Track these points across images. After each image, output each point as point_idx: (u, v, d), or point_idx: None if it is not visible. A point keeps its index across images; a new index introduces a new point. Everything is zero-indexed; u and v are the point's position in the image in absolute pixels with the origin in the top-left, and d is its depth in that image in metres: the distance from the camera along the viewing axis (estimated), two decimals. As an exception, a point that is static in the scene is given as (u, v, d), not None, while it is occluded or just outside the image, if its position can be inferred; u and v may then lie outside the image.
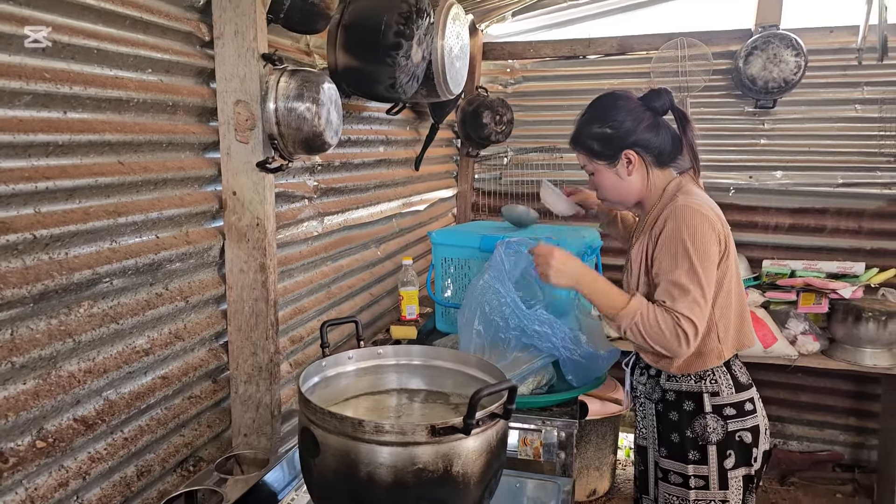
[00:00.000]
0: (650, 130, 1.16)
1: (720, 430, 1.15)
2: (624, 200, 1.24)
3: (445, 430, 0.76)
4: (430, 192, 2.36)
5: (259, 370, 1.21)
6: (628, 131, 1.16)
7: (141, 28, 0.97)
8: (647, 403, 1.26)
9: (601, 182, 1.22)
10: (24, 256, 0.81)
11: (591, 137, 1.19)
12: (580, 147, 1.22)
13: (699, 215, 1.09)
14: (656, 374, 1.24)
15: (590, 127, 1.19)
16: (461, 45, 1.69)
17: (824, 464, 2.46)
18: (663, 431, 1.21)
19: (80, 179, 0.87)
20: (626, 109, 1.17)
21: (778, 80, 2.25)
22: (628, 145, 1.16)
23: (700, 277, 1.07)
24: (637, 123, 1.16)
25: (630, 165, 1.18)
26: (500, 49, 2.61)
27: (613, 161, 1.18)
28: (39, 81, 0.80)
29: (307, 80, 1.10)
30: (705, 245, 1.07)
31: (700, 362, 1.17)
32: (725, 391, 1.16)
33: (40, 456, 0.83)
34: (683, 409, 1.18)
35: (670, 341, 1.08)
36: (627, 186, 1.20)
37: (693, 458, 1.17)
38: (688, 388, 1.18)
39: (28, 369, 0.83)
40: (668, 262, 1.10)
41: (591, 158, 1.20)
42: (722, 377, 1.17)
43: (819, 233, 2.40)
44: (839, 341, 2.14)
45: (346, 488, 0.79)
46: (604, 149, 1.18)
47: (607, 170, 1.20)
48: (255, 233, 1.16)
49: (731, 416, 1.16)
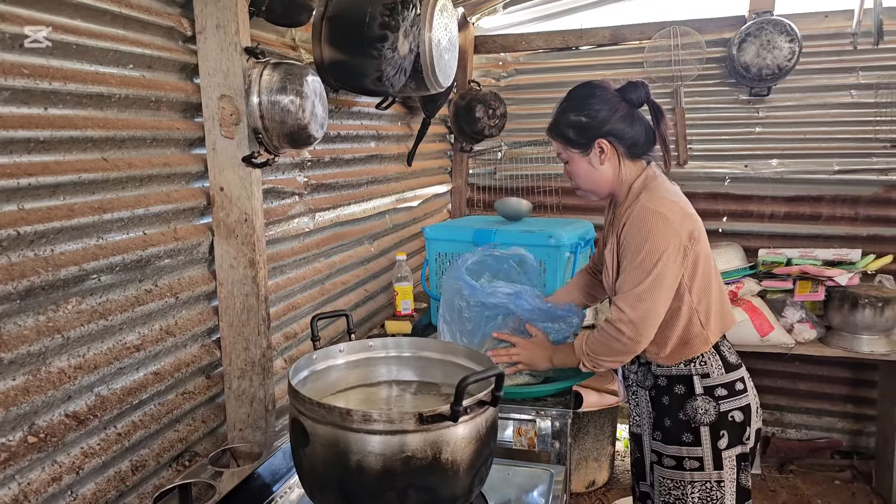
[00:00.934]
0: (624, 121, 1.18)
1: (712, 411, 1.17)
2: (596, 190, 1.25)
3: (433, 418, 0.76)
4: (424, 187, 2.35)
5: (252, 365, 1.21)
6: (602, 121, 1.18)
7: (121, 23, 0.96)
8: (640, 391, 1.28)
9: (574, 170, 1.24)
10: (8, 253, 0.81)
11: (567, 125, 1.20)
12: (556, 135, 1.24)
13: (656, 215, 1.11)
14: (647, 362, 1.26)
15: (566, 115, 1.21)
16: (449, 37, 1.68)
17: (823, 451, 2.46)
18: (657, 416, 1.23)
19: (63, 176, 0.87)
20: (601, 99, 1.18)
21: (772, 67, 2.23)
22: (602, 134, 1.18)
23: (648, 274, 1.10)
24: (612, 113, 1.18)
25: (602, 154, 1.19)
26: (492, 42, 2.60)
27: (587, 149, 1.20)
28: (17, 77, 0.80)
29: (290, 72, 1.10)
30: (657, 243, 1.10)
31: (688, 350, 1.18)
32: (716, 372, 1.18)
33: (32, 451, 0.83)
34: (675, 393, 1.20)
35: (613, 345, 1.14)
36: (599, 176, 1.22)
37: (687, 440, 1.18)
38: (678, 371, 1.20)
39: (17, 365, 0.83)
40: (624, 261, 1.15)
41: (566, 146, 1.22)
42: (711, 358, 1.19)
43: (815, 220, 2.39)
44: (836, 329, 2.14)
45: (335, 477, 0.79)
46: (578, 137, 1.20)
47: (581, 158, 1.22)
48: (243, 228, 1.16)
49: (723, 397, 1.17)
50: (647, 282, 1.10)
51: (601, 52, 2.55)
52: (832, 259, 2.14)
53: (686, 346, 1.18)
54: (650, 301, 1.11)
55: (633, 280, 1.12)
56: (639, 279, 1.11)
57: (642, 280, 1.11)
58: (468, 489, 0.83)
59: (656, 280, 1.10)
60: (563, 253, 1.65)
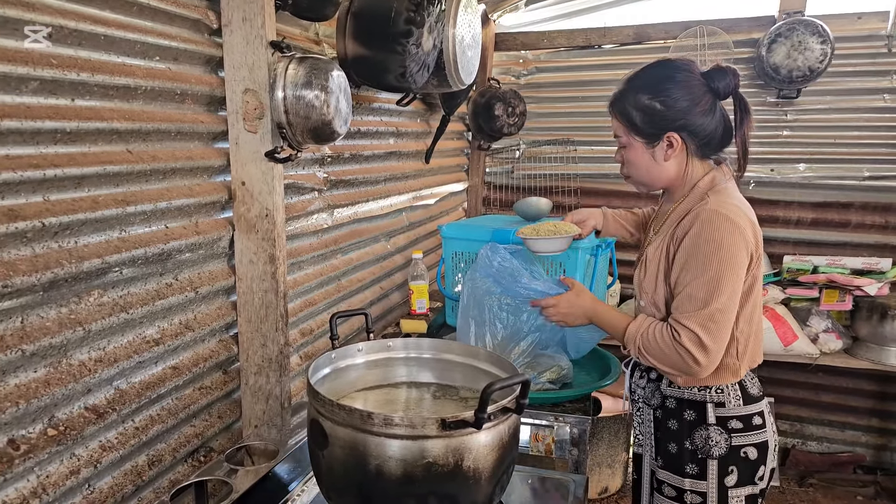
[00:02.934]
0: (705, 115, 1.01)
1: (723, 443, 1.05)
2: (651, 184, 1.10)
3: (456, 424, 0.74)
4: (441, 185, 2.34)
5: (269, 362, 1.20)
6: (681, 111, 1.00)
7: (148, 15, 0.96)
8: (646, 409, 1.16)
9: (632, 159, 1.08)
10: (33, 244, 0.81)
11: (637, 107, 1.02)
12: (620, 114, 1.05)
13: (729, 223, 0.97)
14: (657, 378, 1.14)
15: (637, 95, 1.02)
16: (473, 33, 1.66)
17: (845, 465, 2.40)
18: (661, 440, 1.12)
19: (88, 168, 0.87)
20: (684, 85, 1.00)
21: (803, 69, 2.17)
22: (675, 127, 1.01)
23: (721, 291, 0.96)
24: (693, 104, 1.00)
25: (670, 150, 1.03)
26: (513, 40, 2.56)
27: (653, 141, 1.03)
28: (46, 68, 0.79)
29: (316, 67, 1.08)
30: (732, 254, 0.96)
31: (712, 378, 1.06)
32: (732, 402, 1.06)
33: (51, 444, 0.83)
34: (684, 419, 1.08)
35: (676, 361, 1.01)
36: (660, 171, 1.06)
37: (691, 471, 1.07)
38: (690, 396, 1.08)
39: (39, 357, 0.83)
40: (688, 271, 0.99)
41: (629, 131, 1.05)
42: (729, 387, 1.07)
43: (843, 228, 2.32)
44: (863, 340, 2.08)
45: (354, 481, 0.78)
46: (646, 125, 1.02)
47: (643, 148, 1.05)
48: (264, 224, 1.15)
49: (737, 430, 1.05)
50: (722, 300, 0.96)
51: (625, 52, 2.50)
52: (861, 268, 2.07)
53: (713, 374, 1.05)
54: (724, 322, 0.97)
55: (704, 297, 0.97)
56: (710, 296, 0.96)
57: (714, 297, 0.96)
58: (489, 498, 0.81)
59: (730, 298, 0.97)
60: (584, 255, 1.62)
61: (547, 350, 1.37)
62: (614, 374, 1.43)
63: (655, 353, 1.03)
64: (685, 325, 0.99)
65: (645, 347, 1.05)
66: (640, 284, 1.13)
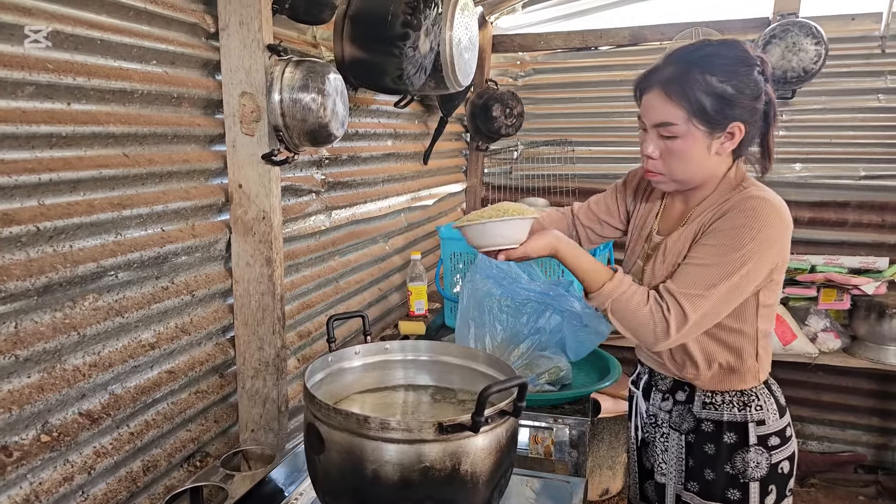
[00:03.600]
0: (762, 108, 0.91)
1: (764, 464, 0.99)
2: (688, 181, 0.96)
3: (453, 428, 0.73)
4: (439, 186, 2.34)
5: (266, 365, 1.20)
6: (751, 99, 0.88)
7: (145, 18, 0.96)
8: (673, 434, 1.06)
9: (682, 150, 0.91)
10: (27, 249, 0.80)
11: (705, 91, 0.87)
12: (682, 98, 0.88)
13: (776, 214, 0.89)
14: (686, 400, 1.04)
15: (706, 76, 0.87)
16: (470, 36, 1.66)
17: (846, 465, 2.40)
18: (695, 466, 1.03)
19: (83, 171, 0.87)
20: (754, 70, 0.89)
21: (797, 70, 2.17)
22: (743, 118, 0.89)
23: (731, 275, 0.88)
24: (758, 92, 0.89)
25: (728, 143, 0.91)
26: (510, 41, 2.57)
27: (717, 130, 0.90)
28: (42, 72, 0.79)
29: (312, 70, 1.08)
30: (763, 248, 0.88)
31: (734, 379, 1.01)
32: (771, 418, 1.00)
33: (45, 450, 0.82)
34: (723, 442, 1.00)
35: (647, 327, 0.91)
36: (707, 166, 0.93)
37: (732, 497, 1.00)
38: (731, 417, 1.00)
39: (32, 363, 0.82)
40: (709, 250, 0.90)
41: (691, 117, 0.88)
42: (766, 401, 1.01)
43: (840, 227, 2.32)
44: (861, 339, 2.08)
45: (351, 485, 0.77)
46: (716, 111, 0.88)
47: (703, 138, 0.90)
48: (261, 226, 1.14)
49: (775, 447, 1.00)
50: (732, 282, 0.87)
51: (621, 53, 2.51)
52: (858, 267, 2.08)
53: (732, 375, 1.00)
54: (718, 308, 0.90)
55: (714, 277, 0.88)
56: (721, 277, 0.88)
57: (725, 278, 0.88)
58: (487, 502, 0.81)
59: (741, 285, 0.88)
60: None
61: (545, 352, 1.37)
62: (613, 375, 1.43)
63: (626, 316, 0.93)
64: (675, 297, 0.90)
65: (615, 306, 0.93)
66: (653, 273, 1.03)
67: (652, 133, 0.94)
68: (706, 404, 1.03)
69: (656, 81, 0.92)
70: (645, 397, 1.14)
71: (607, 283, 0.94)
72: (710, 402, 1.03)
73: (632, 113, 2.55)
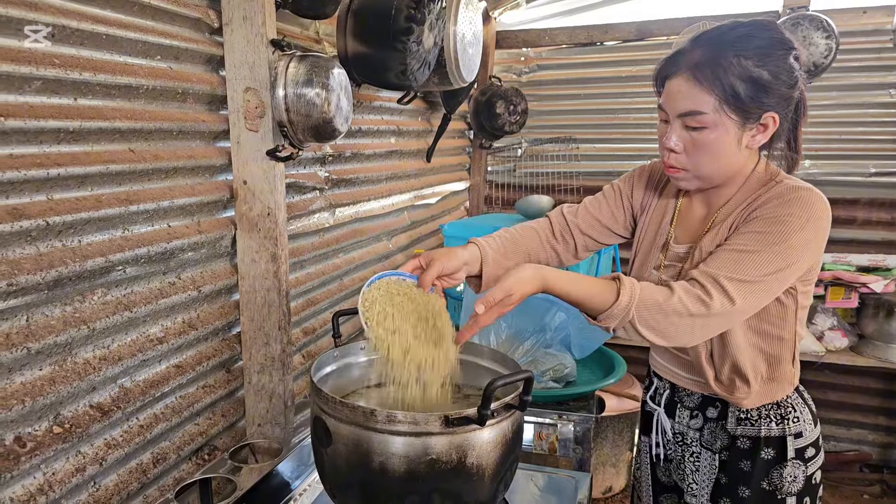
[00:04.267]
0: (795, 97, 0.83)
1: (801, 477, 0.94)
2: (713, 177, 0.87)
3: (459, 421, 0.74)
4: (442, 184, 2.33)
5: (272, 360, 1.20)
6: (788, 87, 0.80)
7: (150, 14, 0.96)
8: (705, 453, 0.99)
9: (713, 143, 0.82)
10: (37, 243, 0.81)
11: (740, 76, 0.78)
12: (712, 81, 0.79)
13: (823, 205, 0.82)
14: (719, 417, 0.97)
15: (739, 60, 0.78)
16: (474, 31, 1.65)
17: (851, 464, 2.38)
18: (729, 484, 0.97)
19: (91, 167, 0.87)
20: (792, 56, 0.80)
21: (807, 65, 2.14)
22: (778, 108, 0.81)
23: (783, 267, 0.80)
24: (795, 81, 0.81)
25: (760, 135, 0.83)
26: (514, 37, 2.56)
27: (751, 120, 0.81)
28: (49, 67, 0.80)
29: (316, 65, 1.08)
30: (810, 239, 0.81)
31: (774, 389, 0.94)
32: (807, 428, 0.95)
33: (57, 441, 0.83)
34: (760, 458, 0.94)
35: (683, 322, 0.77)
36: (735, 162, 0.85)
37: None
38: (767, 432, 0.94)
39: (44, 355, 0.83)
40: (753, 237, 0.81)
41: (722, 105, 0.79)
42: (802, 412, 0.95)
43: (849, 224, 2.30)
44: (869, 337, 2.07)
45: (358, 478, 0.78)
46: (751, 99, 0.79)
47: (734, 129, 0.81)
48: (266, 222, 1.15)
49: (811, 458, 0.95)
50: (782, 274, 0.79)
51: (626, 49, 2.49)
52: (867, 265, 2.06)
53: (772, 384, 0.93)
54: (763, 298, 0.81)
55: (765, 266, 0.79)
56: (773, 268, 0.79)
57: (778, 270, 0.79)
58: (493, 495, 0.81)
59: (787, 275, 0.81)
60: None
61: (550, 349, 1.37)
62: (618, 372, 1.42)
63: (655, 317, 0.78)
64: (718, 281, 0.78)
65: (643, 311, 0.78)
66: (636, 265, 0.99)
67: (676, 124, 0.84)
68: (741, 420, 0.95)
69: (684, 65, 0.81)
70: (669, 414, 1.04)
71: (620, 293, 0.79)
72: (746, 418, 0.95)
73: (636, 110, 2.53)
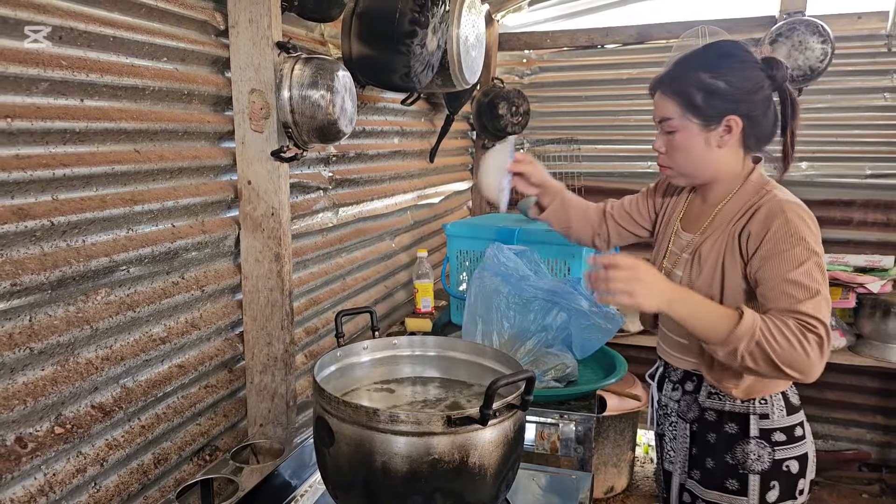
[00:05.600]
0: (765, 102, 0.95)
1: (766, 458, 1.00)
2: (695, 174, 1.01)
3: (462, 421, 0.74)
4: (445, 184, 2.34)
5: (274, 360, 1.20)
6: (744, 93, 0.93)
7: (156, 16, 0.97)
8: (680, 423, 1.10)
9: (682, 144, 0.98)
10: (42, 243, 0.82)
11: (697, 86, 0.94)
12: (674, 94, 0.97)
13: (811, 216, 0.94)
14: (694, 390, 1.07)
15: (696, 73, 0.95)
16: (477, 33, 1.66)
17: (850, 463, 2.39)
18: (697, 455, 1.06)
19: (96, 167, 0.88)
20: (749, 66, 0.94)
21: (804, 69, 2.16)
22: (738, 111, 0.94)
23: (824, 276, 0.90)
24: (756, 88, 0.94)
25: (727, 136, 0.96)
26: (517, 39, 2.57)
27: (711, 124, 0.95)
28: (56, 69, 0.80)
29: (321, 67, 1.09)
30: (820, 247, 0.92)
31: (761, 386, 1.00)
32: (776, 414, 1.01)
33: (59, 442, 0.83)
34: (724, 432, 1.03)
35: (799, 354, 0.85)
36: (710, 160, 0.98)
37: (731, 487, 1.02)
38: (731, 407, 1.02)
39: (46, 355, 0.83)
40: (784, 262, 0.90)
41: (685, 112, 0.96)
42: (772, 397, 1.01)
43: (846, 225, 2.31)
44: (866, 337, 2.07)
45: (360, 478, 0.78)
46: (707, 105, 0.94)
47: (698, 132, 0.96)
48: (269, 222, 1.15)
49: (780, 443, 1.00)
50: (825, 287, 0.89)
51: (627, 51, 2.50)
52: (864, 265, 2.07)
53: (762, 381, 0.99)
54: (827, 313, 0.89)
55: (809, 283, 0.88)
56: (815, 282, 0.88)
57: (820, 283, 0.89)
58: (495, 495, 0.81)
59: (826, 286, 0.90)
60: (588, 253, 1.62)
61: (552, 349, 1.37)
62: (619, 372, 1.43)
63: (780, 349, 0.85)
64: (804, 313, 0.86)
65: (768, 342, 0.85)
66: (691, 284, 1.02)
67: (659, 130, 1.03)
68: (711, 394, 1.05)
69: (659, 82, 1.01)
70: (659, 388, 1.17)
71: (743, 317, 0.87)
72: (716, 393, 1.04)
73: (637, 111, 2.55)
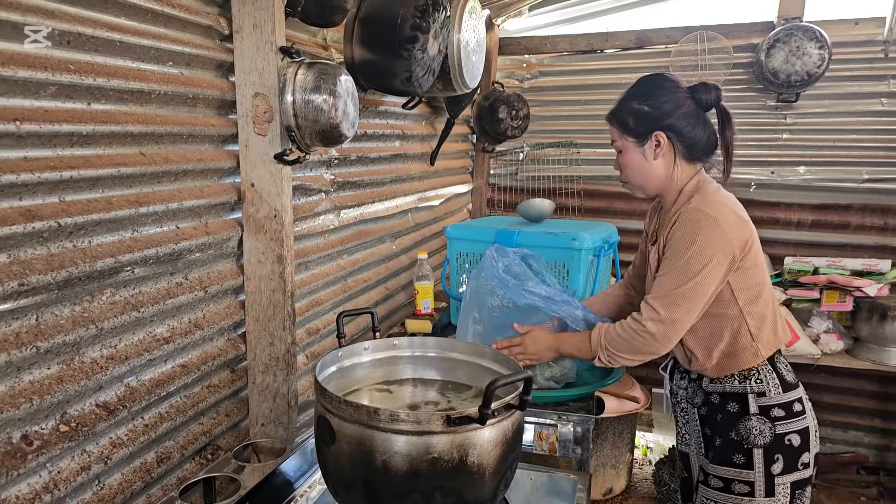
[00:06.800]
0: (687, 119, 1.14)
1: (767, 432, 1.10)
2: (645, 185, 1.21)
3: (461, 420, 0.75)
4: (446, 187, 2.36)
5: (276, 360, 1.22)
6: (665, 113, 1.14)
7: (162, 21, 0.98)
8: (690, 408, 1.23)
9: (627, 161, 1.20)
10: (49, 244, 0.83)
11: (629, 112, 1.17)
12: (616, 121, 1.20)
13: (708, 219, 1.07)
14: (698, 378, 1.21)
15: (630, 102, 1.17)
16: (477, 38, 1.68)
17: (848, 466, 2.40)
18: (708, 435, 1.18)
19: (103, 169, 0.89)
20: (669, 91, 1.15)
21: (801, 74, 2.19)
22: (662, 127, 1.14)
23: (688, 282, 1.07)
24: (676, 108, 1.14)
25: (658, 148, 1.16)
26: (517, 44, 2.59)
27: (643, 140, 1.16)
28: (64, 73, 0.82)
29: (324, 72, 1.10)
30: (702, 249, 1.06)
31: (736, 361, 1.13)
32: (772, 391, 1.11)
33: (63, 440, 0.85)
34: (728, 411, 1.14)
35: (636, 343, 1.12)
36: (650, 171, 1.18)
37: (738, 461, 1.11)
38: (731, 388, 1.14)
39: (52, 354, 0.85)
40: (666, 263, 1.12)
41: (623, 133, 1.18)
42: (767, 376, 1.12)
43: (843, 229, 2.33)
44: (864, 340, 2.08)
45: (361, 476, 0.79)
46: (637, 125, 1.16)
47: (635, 148, 1.18)
48: (272, 224, 1.17)
49: (780, 418, 1.10)
50: (689, 286, 1.07)
51: (626, 56, 2.52)
52: (861, 269, 2.08)
53: (734, 358, 1.13)
54: (686, 307, 1.08)
55: (674, 282, 1.09)
56: (679, 282, 1.08)
57: (683, 283, 1.07)
58: (493, 493, 0.82)
59: (697, 286, 1.07)
60: (587, 256, 1.63)
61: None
62: (617, 374, 1.44)
63: (619, 343, 1.14)
64: (649, 304, 1.11)
65: (609, 341, 1.15)
66: (648, 287, 1.21)
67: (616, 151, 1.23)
68: (712, 380, 1.18)
69: (609, 114, 1.23)
70: (670, 378, 1.30)
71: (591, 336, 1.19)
72: (716, 378, 1.17)
73: (636, 115, 2.57)
